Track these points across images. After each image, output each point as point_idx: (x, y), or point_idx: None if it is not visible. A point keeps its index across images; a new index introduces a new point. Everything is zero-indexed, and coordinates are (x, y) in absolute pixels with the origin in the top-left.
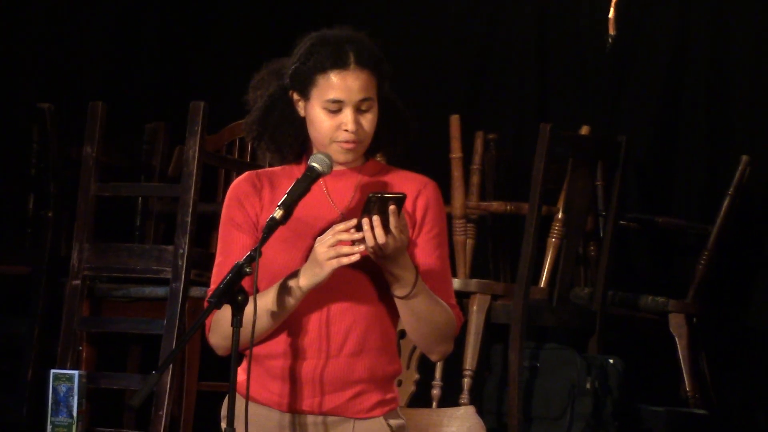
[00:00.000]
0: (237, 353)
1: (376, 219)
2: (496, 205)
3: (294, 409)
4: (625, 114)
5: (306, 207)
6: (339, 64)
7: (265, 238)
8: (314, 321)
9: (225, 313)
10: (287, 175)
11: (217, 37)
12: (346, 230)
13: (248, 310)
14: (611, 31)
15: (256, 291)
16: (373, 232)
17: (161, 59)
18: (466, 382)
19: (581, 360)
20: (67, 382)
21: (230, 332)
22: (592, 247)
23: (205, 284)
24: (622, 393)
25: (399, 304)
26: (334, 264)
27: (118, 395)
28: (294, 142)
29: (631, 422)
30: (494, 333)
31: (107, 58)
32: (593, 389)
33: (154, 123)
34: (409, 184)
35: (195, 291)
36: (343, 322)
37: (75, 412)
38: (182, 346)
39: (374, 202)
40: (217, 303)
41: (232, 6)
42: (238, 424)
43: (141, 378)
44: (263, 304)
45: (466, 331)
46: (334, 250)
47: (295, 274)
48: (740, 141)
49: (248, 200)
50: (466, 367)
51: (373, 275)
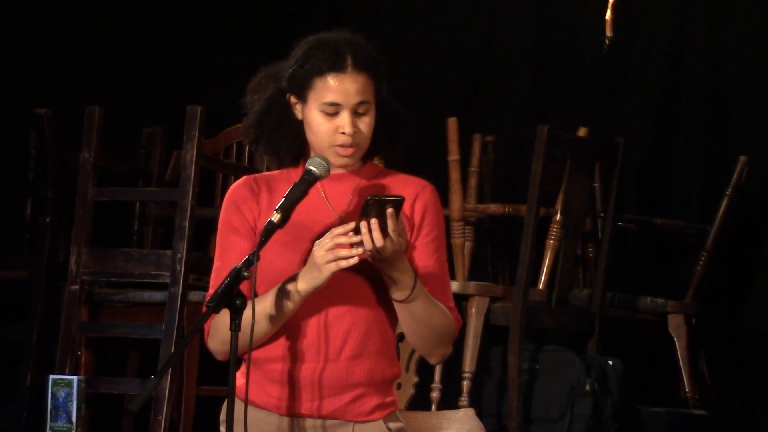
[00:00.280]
0: (236, 357)
1: (374, 222)
2: (494, 208)
3: (293, 413)
4: (622, 115)
5: (304, 210)
6: (336, 67)
7: (263, 242)
8: (313, 324)
9: (223, 317)
10: (285, 179)
11: (214, 41)
12: (344, 233)
13: (247, 314)
14: (608, 32)
15: (254, 295)
16: (371, 235)
17: (158, 64)
18: (466, 384)
19: (581, 362)
20: (66, 388)
21: (229, 336)
22: (591, 249)
23: (204, 289)
24: (622, 394)
25: (397, 307)
26: (333, 267)
27: (117, 400)
28: (291, 145)
29: (631, 423)
30: (493, 335)
31: (104, 63)
32: (593, 391)
33: (151, 127)
34: (407, 187)
35: (193, 295)
36: (341, 326)
37: (74, 417)
38: (181, 351)
39: (372, 205)
40: (215, 307)
41: (229, 10)
42: (238, 428)
43: (140, 383)
44: (262, 308)
45: (465, 333)
46: (332, 253)
47: (293, 277)
48: (738, 141)
49: (246, 205)
50: (466, 370)
51: (372, 278)
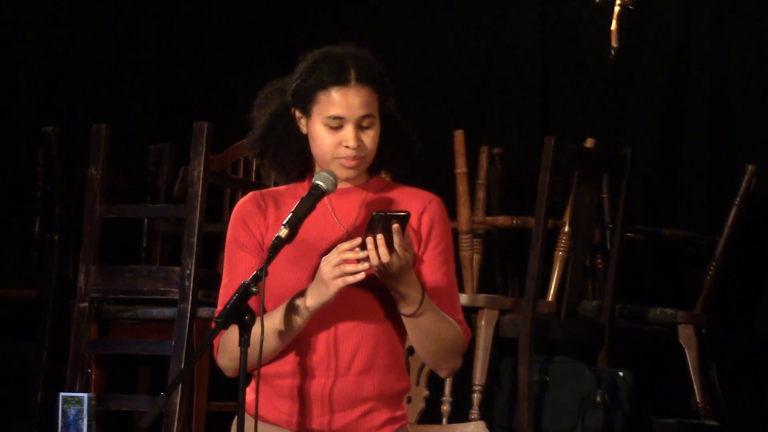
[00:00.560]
0: (245, 373)
1: (380, 238)
2: (502, 220)
3: (303, 428)
4: (629, 126)
5: (311, 226)
6: (340, 81)
7: (270, 258)
8: (322, 340)
9: (232, 334)
10: (292, 194)
11: (220, 57)
12: (350, 249)
13: (256, 330)
14: (614, 43)
15: (263, 311)
16: (377, 250)
17: (165, 80)
18: (476, 397)
19: (591, 373)
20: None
21: (238, 353)
22: (600, 260)
23: (213, 304)
24: (633, 405)
25: (406, 321)
26: (340, 283)
27: (127, 417)
28: (296, 159)
29: None
30: (503, 347)
31: (110, 80)
32: (603, 402)
33: (158, 144)
34: (414, 200)
35: (203, 311)
36: (350, 341)
37: None
38: (190, 367)
39: (378, 221)
40: (224, 323)
41: (235, 25)
42: None
43: (150, 399)
44: (271, 324)
45: (475, 346)
46: (338, 269)
47: (301, 293)
48: (745, 150)
49: (253, 220)
50: (476, 383)
51: (380, 293)
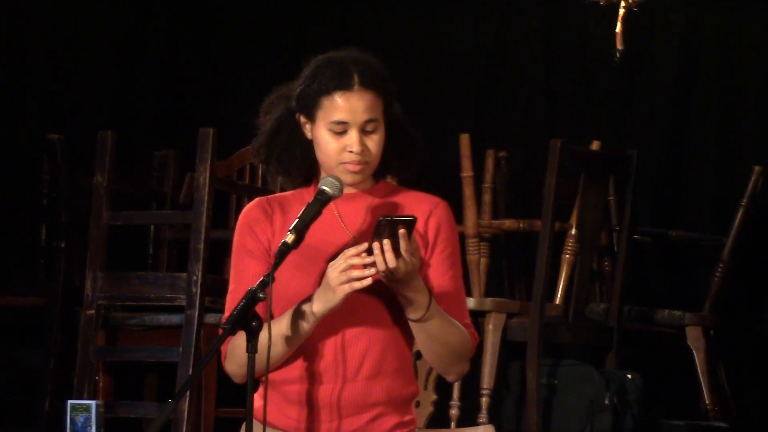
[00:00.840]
0: (253, 379)
1: (386, 243)
2: (508, 223)
3: None
4: (634, 128)
5: (318, 231)
6: (343, 86)
7: (277, 263)
8: (330, 345)
9: (240, 340)
10: (298, 200)
11: (225, 64)
12: (357, 254)
13: (263, 336)
14: (619, 45)
15: (270, 316)
16: (384, 256)
17: (169, 86)
18: (484, 401)
19: (599, 376)
20: (84, 413)
21: (245, 359)
22: (607, 263)
23: (220, 311)
24: (642, 408)
25: (413, 326)
26: (347, 289)
27: (135, 424)
28: (301, 164)
29: None
30: (511, 351)
31: (115, 87)
32: (612, 405)
33: (163, 150)
34: (420, 204)
35: (210, 318)
36: (358, 346)
37: None
38: (198, 373)
39: (384, 226)
40: (231, 329)
41: (240, 32)
42: None
43: (158, 406)
44: (278, 330)
45: (483, 349)
46: (345, 274)
47: (308, 299)
48: (751, 151)
49: (259, 226)
50: (484, 386)
51: (387, 298)
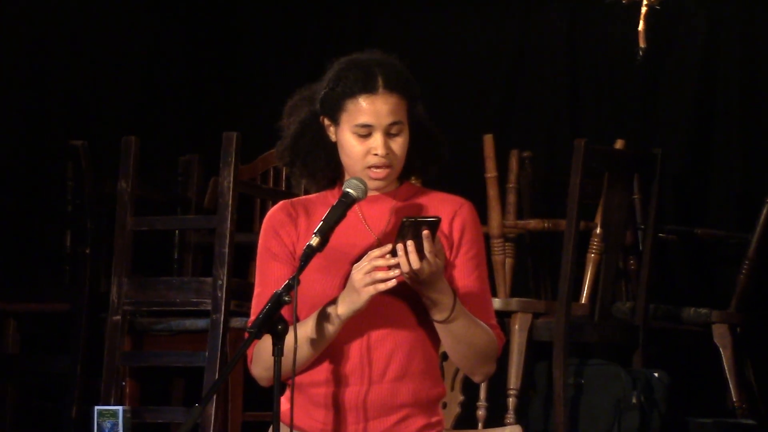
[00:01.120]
0: (279, 382)
1: (410, 244)
2: (533, 223)
3: None
4: (658, 126)
5: (342, 233)
6: (367, 89)
7: (302, 266)
8: (355, 347)
9: (266, 344)
10: (322, 202)
11: (248, 67)
12: (381, 256)
13: (289, 339)
14: (641, 43)
15: (296, 319)
16: (408, 257)
17: (192, 91)
18: (511, 401)
19: (626, 375)
20: (111, 418)
21: (271, 362)
22: (632, 261)
23: (246, 315)
24: (669, 406)
25: (438, 327)
26: (371, 290)
27: (163, 429)
28: (326, 167)
29: None
30: (537, 351)
31: (138, 92)
32: (639, 404)
33: (187, 155)
34: (444, 205)
35: (236, 321)
36: (384, 348)
37: None
38: (224, 378)
39: (408, 227)
40: (257, 333)
41: (262, 36)
42: None
43: (185, 411)
44: (303, 332)
45: (509, 350)
46: (369, 276)
47: (333, 301)
48: None
49: (284, 229)
50: (511, 387)
51: (413, 299)
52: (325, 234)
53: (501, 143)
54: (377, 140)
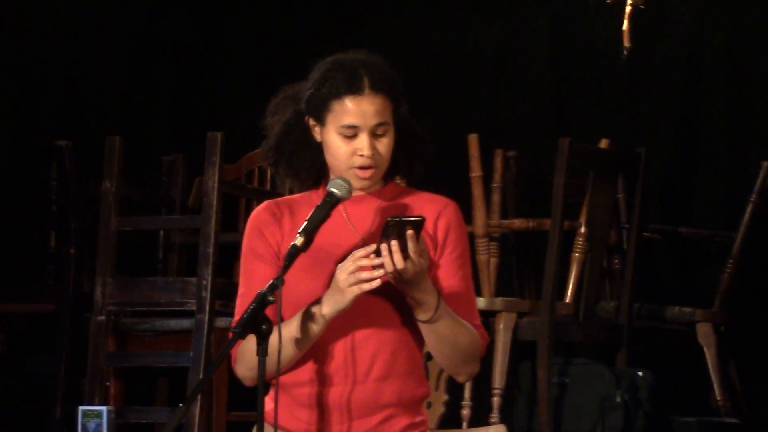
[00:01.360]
0: (264, 382)
1: (394, 244)
2: (518, 223)
3: None
4: (642, 125)
5: (327, 233)
6: (353, 90)
7: (287, 266)
8: (339, 347)
9: (250, 344)
10: (307, 202)
11: (232, 67)
12: (365, 256)
13: (273, 339)
14: (626, 43)
15: (280, 319)
16: (392, 257)
17: (176, 91)
18: (496, 400)
19: (610, 374)
20: (95, 419)
21: (256, 362)
22: (617, 261)
23: (230, 314)
24: (653, 405)
25: (422, 327)
26: (356, 290)
27: (147, 429)
28: (311, 167)
29: None
30: (522, 350)
31: (122, 92)
32: (623, 403)
33: (172, 155)
34: (429, 205)
35: (220, 321)
36: (368, 348)
37: None
38: (208, 378)
39: (392, 227)
40: (241, 333)
41: (246, 35)
42: None
43: (169, 411)
44: (288, 332)
45: (494, 349)
46: (354, 276)
47: (318, 301)
48: (759, 147)
49: (268, 229)
50: (495, 386)
51: (397, 299)
52: (309, 234)
53: (485, 143)
54: (363, 141)
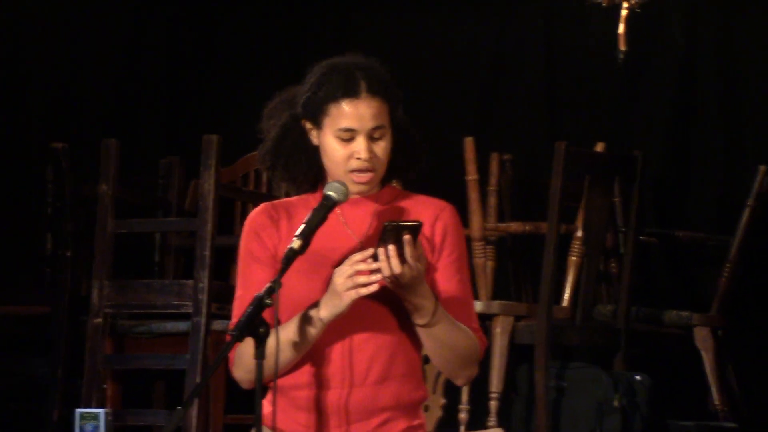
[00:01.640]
0: (261, 385)
1: (391, 248)
2: (514, 226)
3: None
4: (639, 128)
5: (324, 236)
6: (350, 93)
7: (284, 269)
8: (337, 350)
9: (247, 347)
10: (304, 205)
11: (228, 70)
12: (363, 260)
13: (271, 342)
14: (621, 46)
15: (277, 322)
16: (389, 262)
17: (172, 94)
18: (493, 404)
19: (608, 377)
20: (93, 421)
21: (253, 365)
22: (613, 264)
23: (227, 317)
24: (651, 409)
25: (420, 331)
26: (353, 295)
27: None
28: (308, 171)
29: None
30: (519, 354)
31: (118, 95)
32: (621, 406)
33: (168, 158)
34: (426, 208)
35: (217, 324)
36: (366, 351)
37: None
38: (206, 380)
39: (389, 231)
40: (238, 336)
41: (242, 38)
42: None
43: (167, 414)
44: (285, 335)
45: (491, 353)
46: (351, 280)
47: (315, 305)
48: (755, 150)
49: (265, 232)
50: (493, 390)
51: (395, 303)
52: (306, 237)
53: (481, 146)
54: (360, 144)
